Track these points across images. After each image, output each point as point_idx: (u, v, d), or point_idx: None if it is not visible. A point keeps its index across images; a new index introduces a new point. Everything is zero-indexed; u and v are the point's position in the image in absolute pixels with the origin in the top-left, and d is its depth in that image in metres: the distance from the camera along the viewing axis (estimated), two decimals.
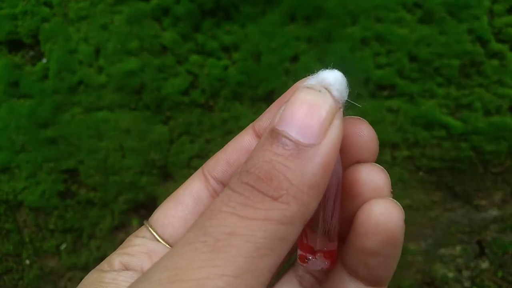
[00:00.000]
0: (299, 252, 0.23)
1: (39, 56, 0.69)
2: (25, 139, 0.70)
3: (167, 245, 0.25)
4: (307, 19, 0.62)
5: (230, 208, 0.18)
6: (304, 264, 0.23)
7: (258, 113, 0.66)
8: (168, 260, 0.17)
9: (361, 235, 0.21)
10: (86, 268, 0.74)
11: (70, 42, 0.66)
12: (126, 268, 0.25)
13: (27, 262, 0.75)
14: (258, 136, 0.26)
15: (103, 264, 0.25)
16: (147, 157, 0.69)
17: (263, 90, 0.64)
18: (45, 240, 0.75)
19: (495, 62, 0.61)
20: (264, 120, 0.26)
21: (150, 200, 0.73)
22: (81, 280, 0.26)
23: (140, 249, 0.25)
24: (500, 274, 0.67)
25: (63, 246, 0.75)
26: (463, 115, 0.62)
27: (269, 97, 0.65)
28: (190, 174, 0.79)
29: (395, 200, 0.22)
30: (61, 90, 0.68)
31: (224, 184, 0.26)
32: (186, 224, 0.25)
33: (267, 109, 0.26)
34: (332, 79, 0.21)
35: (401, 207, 0.22)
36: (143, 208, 0.74)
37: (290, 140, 0.19)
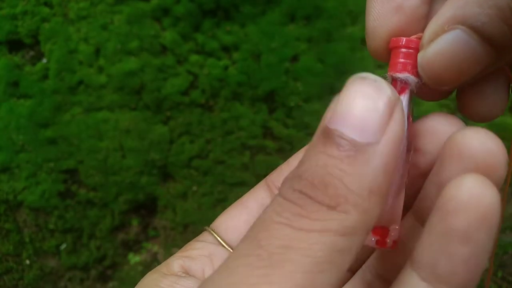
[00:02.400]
0: None
1: (39, 56, 0.69)
2: (25, 139, 0.70)
3: (230, 249, 0.24)
4: (307, 19, 0.62)
5: (283, 219, 0.17)
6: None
7: (258, 113, 0.66)
8: (220, 275, 0.16)
9: (448, 212, 0.17)
10: (86, 268, 0.74)
11: (70, 42, 0.66)
12: (187, 271, 0.23)
13: (27, 262, 0.75)
14: None
15: (162, 267, 0.24)
16: (147, 157, 0.69)
17: (263, 90, 0.64)
18: (45, 240, 0.75)
19: None
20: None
21: (150, 200, 0.73)
22: (81, 280, 0.26)
23: (201, 252, 0.24)
24: (500, 274, 0.67)
25: (63, 246, 0.75)
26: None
27: (269, 97, 0.65)
28: (190, 174, 0.79)
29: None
30: (61, 90, 0.68)
31: None
32: None
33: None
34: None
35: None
36: (143, 208, 0.74)
37: (345, 139, 0.17)
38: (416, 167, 0.21)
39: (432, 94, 0.21)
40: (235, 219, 0.25)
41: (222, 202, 0.69)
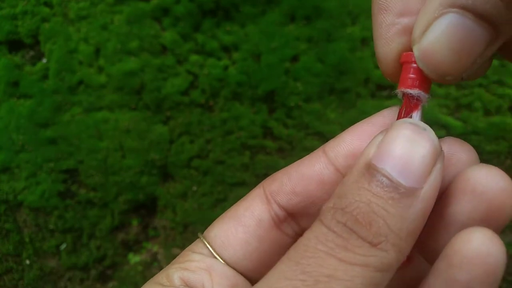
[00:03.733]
0: None
1: (39, 56, 0.69)
2: (25, 139, 0.70)
3: (228, 265, 0.25)
4: (307, 19, 0.62)
5: (328, 249, 0.17)
6: None
7: (258, 113, 0.66)
8: None
9: (454, 264, 0.18)
10: (86, 268, 0.74)
11: (70, 42, 0.66)
12: (186, 284, 0.23)
13: (27, 262, 0.75)
14: (333, 164, 0.23)
15: (162, 278, 0.24)
16: (147, 157, 0.69)
17: (263, 90, 0.64)
18: (45, 240, 0.75)
19: (495, 62, 0.61)
20: (337, 146, 0.23)
21: (150, 200, 0.73)
22: (81, 280, 0.25)
23: (199, 265, 0.24)
24: None
25: (63, 246, 0.75)
26: (463, 115, 0.62)
27: (269, 97, 0.65)
28: (190, 174, 0.79)
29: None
30: (61, 90, 0.68)
31: (288, 212, 0.24)
32: (248, 247, 0.24)
33: (340, 134, 0.23)
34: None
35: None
36: (143, 208, 0.74)
37: (391, 181, 0.17)
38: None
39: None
40: (231, 236, 0.25)
41: (222, 202, 0.69)
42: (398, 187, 0.17)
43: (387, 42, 0.21)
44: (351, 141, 0.23)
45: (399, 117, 0.21)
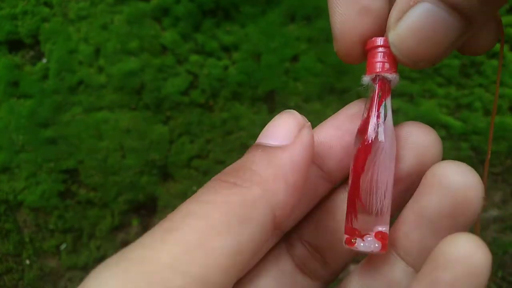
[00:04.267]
0: (345, 236, 0.22)
1: (39, 56, 0.69)
2: (25, 139, 0.70)
3: None
4: (307, 19, 0.62)
5: (193, 197, 0.19)
6: (352, 247, 0.22)
7: (258, 113, 0.66)
8: (133, 244, 0.18)
9: (439, 265, 0.19)
10: (86, 268, 0.74)
11: (70, 42, 0.66)
12: None
13: (27, 262, 0.75)
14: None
15: None
16: (147, 157, 0.69)
17: (263, 90, 0.64)
18: (45, 240, 0.75)
19: (495, 62, 0.61)
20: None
21: (150, 200, 0.73)
22: (81, 280, 0.26)
23: None
24: (500, 274, 0.67)
25: (63, 246, 0.75)
26: (463, 115, 0.62)
27: (269, 97, 0.65)
28: (190, 174, 0.79)
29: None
30: (61, 90, 0.68)
31: None
32: None
33: (316, 128, 0.25)
34: None
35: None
36: (143, 208, 0.74)
37: (262, 145, 0.21)
38: (402, 164, 0.23)
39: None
40: None
41: None
42: (267, 146, 0.20)
43: (347, 21, 0.22)
44: (322, 131, 0.25)
45: (372, 103, 0.22)
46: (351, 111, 0.25)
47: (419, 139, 0.23)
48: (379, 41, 0.21)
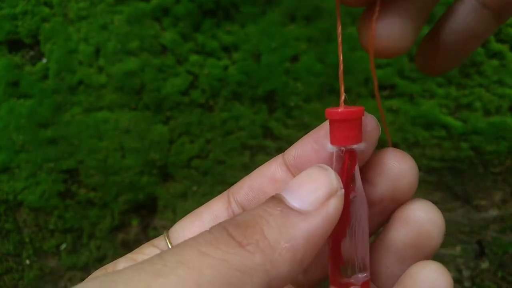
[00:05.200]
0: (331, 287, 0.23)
1: (39, 56, 0.69)
2: (25, 139, 0.70)
3: None
4: (307, 19, 0.62)
5: (195, 243, 0.18)
6: None
7: (258, 113, 0.66)
8: (121, 272, 0.17)
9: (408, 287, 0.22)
10: (86, 268, 0.74)
11: (70, 42, 0.66)
12: None
13: (27, 262, 0.75)
14: (286, 165, 0.26)
15: (109, 266, 0.25)
16: (147, 157, 0.69)
17: (263, 90, 0.64)
18: (45, 240, 0.75)
19: (495, 62, 0.61)
20: (293, 151, 0.26)
21: (150, 200, 0.73)
22: (81, 280, 0.26)
23: (146, 256, 0.25)
24: (500, 274, 0.67)
25: (63, 246, 0.75)
26: (463, 115, 0.63)
27: (269, 97, 0.65)
28: (190, 174, 0.79)
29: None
30: (61, 90, 0.68)
31: (244, 208, 0.26)
32: None
33: (298, 140, 0.26)
34: None
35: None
36: (143, 208, 0.74)
37: (280, 200, 0.19)
38: (366, 196, 0.23)
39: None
40: (187, 230, 0.26)
41: None
42: (288, 207, 0.19)
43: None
44: (302, 144, 0.25)
45: (343, 174, 0.22)
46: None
47: (395, 166, 0.23)
48: (342, 113, 0.22)
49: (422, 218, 0.22)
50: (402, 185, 0.23)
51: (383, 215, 0.25)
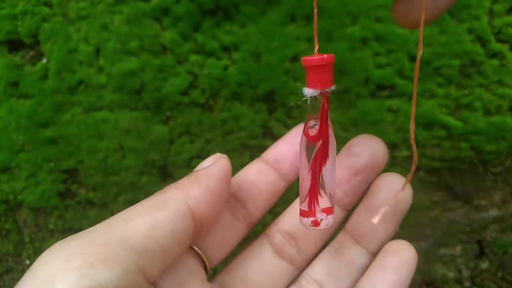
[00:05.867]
0: (311, 219, 0.28)
1: (39, 56, 0.69)
2: (25, 139, 0.70)
3: None
4: (307, 19, 0.62)
5: (141, 201, 0.30)
6: (317, 227, 0.28)
7: (258, 113, 0.66)
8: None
9: (384, 254, 0.29)
10: None
11: (70, 42, 0.66)
12: None
13: (27, 262, 0.75)
14: (264, 160, 0.38)
15: None
16: (147, 157, 0.69)
17: (263, 90, 0.64)
18: (45, 240, 0.75)
19: (495, 62, 0.61)
20: (272, 150, 0.37)
21: None
22: None
23: None
24: (500, 274, 0.67)
25: None
26: (463, 115, 0.63)
27: (269, 97, 0.65)
28: None
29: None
30: (61, 90, 0.68)
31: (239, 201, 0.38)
32: None
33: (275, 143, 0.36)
34: None
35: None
36: None
37: (195, 170, 0.31)
38: (352, 168, 0.31)
39: None
40: None
41: None
42: (195, 169, 0.33)
43: None
44: (279, 146, 0.35)
45: (322, 114, 0.28)
46: (298, 130, 0.33)
47: (373, 141, 0.31)
48: (318, 59, 0.26)
49: (397, 183, 0.29)
50: (379, 155, 0.30)
51: (365, 184, 0.31)
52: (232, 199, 0.33)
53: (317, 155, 0.27)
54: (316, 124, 0.28)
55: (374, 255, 0.31)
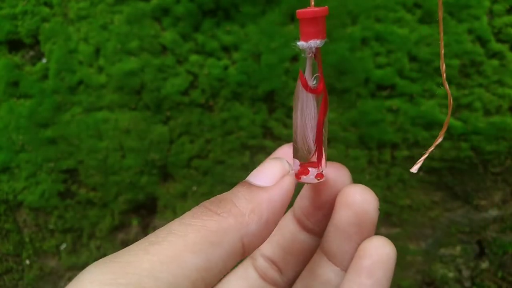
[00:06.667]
0: (313, 171, 0.28)
1: (39, 56, 0.69)
2: (25, 139, 0.70)
3: None
4: None
5: (179, 218, 0.23)
6: (321, 179, 0.28)
7: (258, 113, 0.66)
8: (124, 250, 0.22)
9: (360, 256, 0.28)
10: None
11: (70, 42, 0.66)
12: None
13: (27, 262, 0.75)
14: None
15: None
16: (147, 157, 0.69)
17: (263, 90, 0.64)
18: (45, 240, 0.75)
19: (495, 62, 0.61)
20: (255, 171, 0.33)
21: (150, 200, 0.73)
22: None
23: None
24: (500, 274, 0.67)
25: (63, 246, 0.75)
26: (463, 115, 0.63)
27: (269, 97, 0.65)
28: (190, 174, 0.79)
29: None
30: (61, 90, 0.68)
31: None
32: None
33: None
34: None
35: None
36: (143, 208, 0.74)
37: (248, 183, 0.25)
38: (322, 195, 0.30)
39: None
40: None
41: None
42: (251, 184, 0.25)
43: None
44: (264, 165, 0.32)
45: (320, 65, 0.28)
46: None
47: (337, 176, 0.30)
48: (315, 11, 0.26)
49: (358, 200, 0.28)
50: (343, 174, 0.30)
51: (331, 209, 0.30)
52: None
53: (323, 106, 0.28)
54: (315, 79, 0.28)
55: None
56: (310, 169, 0.28)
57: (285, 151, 0.32)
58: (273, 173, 0.26)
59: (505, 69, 0.60)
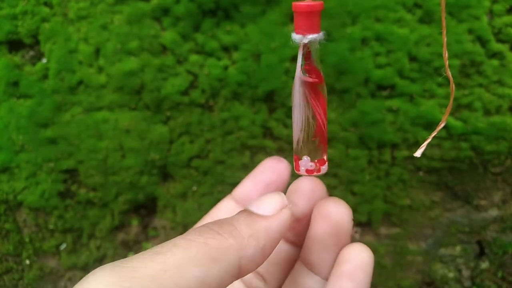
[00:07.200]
0: (323, 163, 0.31)
1: (39, 56, 0.69)
2: (25, 139, 0.70)
3: None
4: None
5: (183, 235, 0.24)
6: (324, 165, 0.31)
7: (258, 113, 0.66)
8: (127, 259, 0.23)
9: (341, 261, 0.29)
10: (86, 268, 0.74)
11: (70, 42, 0.66)
12: None
13: (27, 262, 0.75)
14: (234, 200, 0.36)
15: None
16: (147, 157, 0.69)
17: (263, 90, 0.64)
18: (45, 240, 0.75)
19: (495, 62, 0.61)
20: (240, 189, 0.37)
21: (150, 200, 0.73)
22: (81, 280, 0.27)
23: None
24: (500, 274, 0.67)
25: (63, 246, 0.75)
26: (463, 115, 0.63)
27: (269, 97, 0.65)
28: (190, 174, 0.79)
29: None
30: (61, 90, 0.68)
31: None
32: None
33: (241, 181, 0.37)
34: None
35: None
36: (143, 208, 0.74)
37: (249, 210, 0.27)
38: (295, 217, 0.31)
39: None
40: None
41: None
42: (252, 212, 0.27)
43: None
44: (246, 183, 0.36)
45: (309, 57, 0.28)
46: (262, 168, 0.38)
47: (314, 190, 0.32)
48: (309, 5, 0.27)
49: (334, 212, 0.30)
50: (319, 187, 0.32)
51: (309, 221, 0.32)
52: None
53: (323, 101, 0.29)
54: (303, 70, 0.29)
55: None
56: (305, 158, 0.30)
57: (261, 169, 0.36)
58: (273, 204, 0.27)
59: (505, 69, 0.60)
